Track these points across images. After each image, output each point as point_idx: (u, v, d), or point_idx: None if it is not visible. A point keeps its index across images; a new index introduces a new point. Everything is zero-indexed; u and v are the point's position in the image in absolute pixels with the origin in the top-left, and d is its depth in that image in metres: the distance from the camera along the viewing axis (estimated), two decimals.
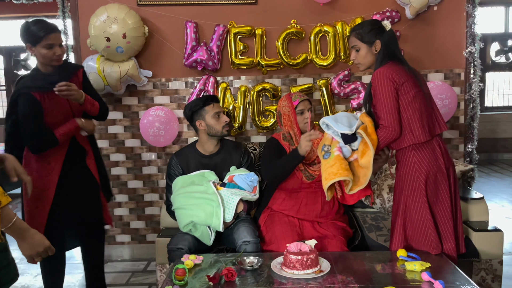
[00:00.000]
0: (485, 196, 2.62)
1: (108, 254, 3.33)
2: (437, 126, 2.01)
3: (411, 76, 1.96)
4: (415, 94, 1.95)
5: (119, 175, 3.24)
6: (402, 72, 1.95)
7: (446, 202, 1.98)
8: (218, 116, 2.40)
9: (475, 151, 3.14)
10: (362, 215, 2.70)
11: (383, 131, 1.95)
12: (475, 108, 3.09)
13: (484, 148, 6.44)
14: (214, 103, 2.42)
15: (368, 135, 1.93)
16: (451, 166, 2.02)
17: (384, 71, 1.94)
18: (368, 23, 2.06)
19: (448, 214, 1.98)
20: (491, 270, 2.40)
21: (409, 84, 1.94)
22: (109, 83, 2.95)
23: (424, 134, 1.95)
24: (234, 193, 2.22)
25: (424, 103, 1.97)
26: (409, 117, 1.95)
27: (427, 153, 1.96)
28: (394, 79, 1.92)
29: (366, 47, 2.03)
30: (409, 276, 1.74)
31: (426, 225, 1.96)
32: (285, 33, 3.00)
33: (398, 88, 1.93)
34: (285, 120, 2.44)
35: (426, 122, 1.96)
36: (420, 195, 1.96)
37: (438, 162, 1.96)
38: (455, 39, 3.07)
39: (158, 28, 3.07)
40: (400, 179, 2.03)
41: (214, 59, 3.02)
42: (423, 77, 2.11)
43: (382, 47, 2.00)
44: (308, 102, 2.43)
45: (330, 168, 1.92)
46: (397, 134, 1.95)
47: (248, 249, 2.12)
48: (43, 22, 2.17)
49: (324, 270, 1.79)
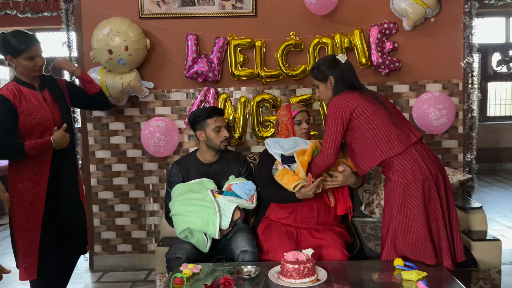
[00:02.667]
0: (487, 206, 2.63)
1: (110, 263, 3.35)
2: (411, 134, 2.04)
3: (366, 97, 2.06)
4: (373, 112, 2.02)
5: (120, 185, 3.28)
6: (354, 97, 2.05)
7: (437, 209, 1.98)
8: (219, 130, 2.44)
9: (474, 160, 3.15)
10: (362, 225, 2.71)
11: (318, 156, 2.15)
12: (474, 118, 3.12)
13: (486, 158, 6.44)
14: (217, 117, 2.44)
15: (301, 157, 2.17)
16: (440, 172, 2.02)
17: (335, 100, 2.07)
18: (322, 61, 2.19)
19: (440, 222, 1.98)
20: (489, 279, 2.39)
21: (363, 105, 2.03)
22: (111, 95, 3.00)
23: (393, 147, 2.00)
24: (231, 200, 2.26)
25: (385, 118, 2.02)
26: (372, 135, 2.02)
27: (409, 163, 1.99)
28: (343, 106, 2.03)
29: (322, 84, 2.19)
30: (406, 286, 1.75)
31: (417, 236, 1.96)
32: (284, 45, 3.04)
33: (351, 113, 2.03)
34: (282, 129, 2.49)
35: (395, 134, 2.00)
36: (408, 205, 1.97)
37: (422, 170, 1.97)
38: (453, 50, 3.10)
39: (160, 41, 3.13)
40: (387, 191, 2.05)
41: (215, 71, 3.06)
42: (384, 96, 2.23)
43: (336, 81, 2.12)
44: (306, 113, 2.48)
45: (282, 181, 2.20)
46: (329, 161, 2.11)
47: (246, 258, 2.14)
48: (23, 34, 2.21)
49: (321, 279, 1.80)
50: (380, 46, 3.04)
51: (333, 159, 2.11)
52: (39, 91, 2.30)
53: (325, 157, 2.11)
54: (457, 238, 2.05)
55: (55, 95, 2.37)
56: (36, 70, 2.24)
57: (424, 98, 3.00)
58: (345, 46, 3.04)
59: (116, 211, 3.30)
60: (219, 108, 2.55)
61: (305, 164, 2.16)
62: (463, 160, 3.18)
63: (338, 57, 2.16)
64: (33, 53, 2.20)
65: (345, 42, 3.04)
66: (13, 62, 2.21)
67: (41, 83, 2.32)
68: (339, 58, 2.15)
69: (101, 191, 3.27)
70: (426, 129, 3.03)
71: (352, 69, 2.17)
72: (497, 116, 7.03)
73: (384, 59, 3.04)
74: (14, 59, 2.20)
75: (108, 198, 3.29)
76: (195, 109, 2.53)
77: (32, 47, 2.19)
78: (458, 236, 2.05)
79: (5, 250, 3.91)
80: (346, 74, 2.12)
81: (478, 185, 3.32)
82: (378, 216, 2.69)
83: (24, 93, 2.23)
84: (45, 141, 2.24)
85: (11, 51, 2.18)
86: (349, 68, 2.15)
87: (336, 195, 2.36)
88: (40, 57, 2.24)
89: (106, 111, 3.18)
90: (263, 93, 3.12)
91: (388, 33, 3.06)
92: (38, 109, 2.25)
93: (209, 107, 2.50)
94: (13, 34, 2.18)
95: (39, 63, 2.23)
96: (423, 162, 1.99)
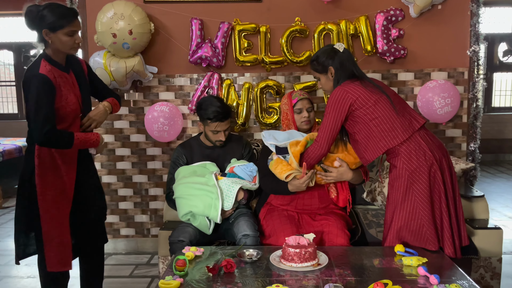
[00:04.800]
0: (489, 196, 2.63)
1: (113, 247, 3.38)
2: (414, 121, 2.03)
3: (367, 86, 2.03)
4: (374, 102, 2.00)
5: (124, 170, 3.29)
6: (354, 88, 2.02)
7: (441, 196, 1.98)
8: (217, 133, 2.44)
9: (477, 150, 3.14)
10: (363, 212, 2.72)
11: (312, 145, 2.15)
12: (478, 107, 3.10)
13: (490, 148, 6.42)
14: (219, 123, 2.39)
15: (293, 147, 2.17)
16: (444, 157, 2.02)
17: (336, 92, 2.04)
18: (320, 53, 2.16)
19: (443, 209, 1.98)
20: (490, 267, 2.41)
21: (365, 96, 2.00)
22: (115, 79, 3.00)
23: (397, 135, 1.99)
24: (235, 181, 2.29)
25: (388, 107, 2.00)
26: (376, 125, 2.01)
27: (413, 149, 1.98)
28: (344, 98, 2.01)
29: (323, 76, 2.17)
30: (406, 271, 1.76)
31: (421, 223, 1.97)
32: (289, 31, 3.02)
33: (352, 104, 2.01)
34: (283, 118, 2.49)
35: (399, 123, 1.99)
36: (413, 192, 1.97)
37: (427, 156, 1.97)
38: (459, 38, 3.07)
39: (164, 25, 3.12)
40: (392, 178, 2.05)
41: (219, 56, 3.05)
42: (384, 84, 2.19)
43: (336, 71, 2.10)
44: (308, 101, 2.44)
45: (275, 170, 2.22)
46: (322, 150, 2.10)
47: (248, 242, 2.16)
48: (64, 7, 2.03)
49: (322, 263, 1.81)
50: (385, 33, 3.01)
51: (326, 149, 2.10)
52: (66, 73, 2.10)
53: (318, 146, 2.10)
54: (461, 223, 2.05)
55: (80, 78, 2.18)
56: (74, 47, 2.05)
57: (429, 87, 2.98)
58: (351, 33, 3.02)
59: (119, 195, 3.32)
60: (225, 113, 2.40)
61: (297, 154, 2.15)
62: (466, 149, 3.17)
63: (336, 46, 2.13)
64: (74, 28, 2.00)
65: (350, 29, 3.01)
66: (50, 38, 1.99)
67: (67, 63, 2.12)
68: (337, 47, 2.12)
69: (104, 175, 3.29)
70: (430, 117, 3.02)
71: (351, 57, 2.15)
72: (502, 107, 6.99)
73: (389, 47, 3.02)
74: (52, 34, 1.98)
75: (112, 182, 3.31)
76: (203, 99, 2.45)
77: (75, 22, 2.00)
78: (462, 220, 2.05)
79: (9, 233, 3.95)
80: (346, 63, 2.09)
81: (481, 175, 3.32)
82: (380, 203, 2.70)
83: (56, 75, 2.03)
84: (94, 137, 2.12)
85: (49, 25, 1.96)
86: (348, 56, 2.12)
87: (339, 187, 2.36)
88: (79, 34, 2.05)
89: None
90: (267, 79, 3.11)
91: (394, 20, 3.03)
92: (71, 95, 2.07)
93: (216, 108, 2.38)
94: (51, 7, 1.97)
95: (78, 40, 2.03)
96: (427, 148, 1.98)
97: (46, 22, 1.96)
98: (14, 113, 7.16)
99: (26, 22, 2.01)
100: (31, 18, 1.99)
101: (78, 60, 2.25)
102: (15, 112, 7.16)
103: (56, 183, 2.06)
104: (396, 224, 2.02)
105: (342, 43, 2.16)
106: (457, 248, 2.01)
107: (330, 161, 2.22)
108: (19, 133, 6.46)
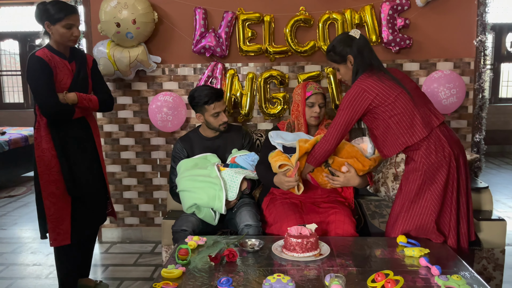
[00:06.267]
0: (494, 187, 2.62)
1: (117, 235, 3.42)
2: (434, 118, 1.98)
3: (386, 81, 1.96)
4: (394, 98, 1.94)
5: (128, 159, 3.31)
6: (373, 85, 1.95)
7: (454, 192, 1.96)
8: (217, 115, 2.43)
9: (483, 141, 3.12)
10: (366, 203, 2.72)
11: (320, 141, 2.09)
12: (484, 97, 3.07)
13: (496, 140, 6.37)
14: (216, 103, 2.40)
15: (302, 143, 2.14)
16: (461, 154, 1.99)
17: (354, 89, 1.97)
18: (336, 42, 2.07)
19: (453, 205, 1.96)
20: (492, 259, 2.41)
21: (384, 92, 1.94)
22: (119, 68, 3.00)
23: (416, 133, 1.94)
24: (238, 172, 2.30)
25: (407, 103, 1.94)
26: (395, 122, 1.96)
27: (433, 144, 1.94)
28: (361, 97, 1.94)
29: (342, 66, 2.08)
30: (407, 261, 1.76)
31: (430, 218, 1.96)
32: (294, 20, 3.00)
33: (370, 104, 1.95)
34: (294, 108, 2.46)
35: (418, 119, 1.94)
36: (428, 186, 1.95)
37: (445, 152, 1.93)
38: (466, 28, 3.03)
39: (168, 14, 3.10)
40: (409, 170, 2.01)
41: (222, 46, 3.04)
42: (404, 74, 2.09)
43: (355, 59, 2.02)
44: (322, 96, 2.41)
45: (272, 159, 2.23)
46: (329, 146, 2.04)
47: (250, 232, 2.17)
48: (63, 3, 2.25)
49: (324, 253, 1.82)
50: (391, 22, 2.98)
51: (333, 146, 2.04)
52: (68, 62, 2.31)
53: (326, 141, 2.04)
54: (471, 219, 2.04)
55: (81, 69, 2.36)
56: (71, 40, 2.26)
57: (434, 77, 2.95)
58: (356, 22, 2.98)
59: (124, 184, 3.34)
60: (218, 92, 2.45)
61: (303, 151, 2.11)
62: (471, 140, 3.15)
63: (351, 33, 2.05)
64: (71, 21, 2.22)
65: (355, 18, 2.98)
66: (50, 29, 2.23)
67: (71, 55, 2.33)
68: (353, 34, 2.04)
69: (109, 164, 3.31)
70: None
71: (368, 44, 2.06)
72: (510, 98, 6.93)
73: (395, 36, 2.99)
74: (52, 26, 2.21)
75: (116, 171, 3.33)
76: (193, 90, 2.46)
77: (71, 16, 2.22)
78: (471, 216, 2.04)
79: (16, 221, 4.00)
80: (364, 50, 2.02)
81: (486, 166, 3.30)
82: (383, 194, 2.69)
83: (55, 61, 2.24)
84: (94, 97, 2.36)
85: (50, 18, 2.20)
86: (365, 42, 2.04)
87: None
88: (77, 28, 2.25)
89: (114, 85, 3.20)
90: (271, 69, 3.09)
91: (400, 9, 2.99)
92: (67, 79, 2.27)
93: (208, 90, 2.42)
94: (54, 2, 2.23)
95: (75, 33, 2.24)
96: (447, 143, 1.94)
97: (48, 15, 2.21)
98: (20, 102, 7.20)
99: (35, 15, 2.26)
100: (38, 12, 2.24)
101: (85, 55, 2.45)
102: (21, 102, 7.19)
103: (52, 163, 2.27)
104: (404, 217, 2.00)
105: (357, 30, 2.07)
106: (465, 243, 2.01)
107: (338, 166, 2.17)
108: (25, 122, 6.50)
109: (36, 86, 2.19)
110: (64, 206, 2.32)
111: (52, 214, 2.29)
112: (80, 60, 2.37)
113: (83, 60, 2.39)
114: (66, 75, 2.27)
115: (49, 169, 2.27)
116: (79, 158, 2.36)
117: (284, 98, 3.07)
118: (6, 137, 5.08)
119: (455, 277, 1.55)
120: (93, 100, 2.38)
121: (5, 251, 3.30)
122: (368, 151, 2.18)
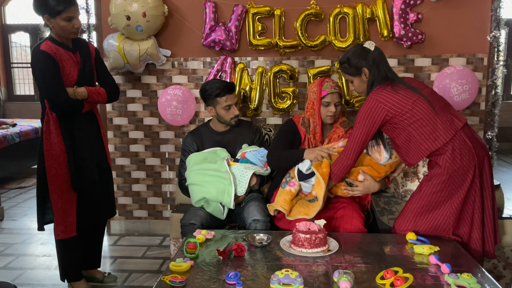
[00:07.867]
0: (505, 185, 2.59)
1: (126, 228, 3.44)
2: (455, 120, 1.94)
3: (401, 90, 1.93)
4: (411, 106, 1.91)
5: (137, 152, 3.32)
6: (388, 96, 1.93)
7: (477, 196, 1.94)
8: (229, 108, 2.43)
9: (495, 138, 3.08)
10: (375, 199, 2.70)
11: (339, 156, 2.09)
12: (497, 94, 3.02)
13: (508, 137, 6.28)
14: (228, 95, 2.40)
15: (320, 169, 2.12)
16: (486, 156, 1.95)
17: (369, 101, 1.95)
18: (351, 54, 2.03)
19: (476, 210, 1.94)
20: (503, 257, 2.38)
21: (400, 101, 1.92)
22: (128, 61, 3.00)
23: (439, 137, 1.91)
24: (248, 167, 2.30)
25: (426, 108, 1.92)
26: (415, 129, 1.93)
27: (458, 148, 1.91)
28: (377, 109, 1.93)
29: (356, 78, 2.06)
30: (417, 259, 1.75)
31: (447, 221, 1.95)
32: (304, 14, 2.97)
33: (386, 114, 1.93)
34: (308, 106, 2.41)
35: (440, 124, 1.91)
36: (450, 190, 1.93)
37: (471, 155, 1.90)
38: (479, 23, 2.98)
39: (178, 8, 3.09)
40: (432, 174, 1.98)
41: (232, 40, 3.02)
42: (419, 82, 2.07)
43: (370, 71, 2.00)
44: (338, 95, 2.36)
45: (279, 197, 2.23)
46: (348, 161, 2.04)
47: (258, 227, 2.17)
48: None
49: (332, 249, 1.81)
50: (403, 17, 2.94)
51: (353, 161, 2.04)
52: (72, 53, 2.30)
53: (345, 157, 2.04)
54: (496, 222, 2.02)
55: (86, 60, 2.35)
56: (73, 32, 2.23)
57: (447, 73, 2.91)
58: (367, 16, 2.95)
59: (132, 177, 3.36)
60: (230, 85, 2.45)
61: (326, 176, 2.12)
62: (483, 138, 3.10)
63: (366, 45, 2.02)
64: (71, 14, 2.18)
65: (367, 13, 2.95)
66: (51, 23, 2.19)
67: (74, 46, 2.31)
68: (367, 46, 2.01)
69: (118, 157, 3.32)
70: None
71: (383, 55, 2.04)
72: None
73: (406, 31, 2.95)
74: (52, 19, 2.18)
75: (125, 164, 3.35)
76: (205, 84, 2.46)
77: (71, 8, 2.18)
78: (497, 220, 2.02)
79: (26, 212, 4.04)
80: (379, 62, 2.00)
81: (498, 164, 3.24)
82: (392, 191, 2.67)
83: (60, 53, 2.23)
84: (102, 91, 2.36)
85: (49, 11, 2.16)
86: (380, 54, 2.02)
87: None
88: (78, 19, 2.23)
89: (124, 78, 3.21)
90: (281, 63, 3.08)
91: (412, 4, 2.95)
92: (74, 72, 2.26)
93: (220, 83, 2.42)
94: None
95: (76, 25, 2.21)
96: (473, 146, 1.91)
97: (47, 7, 2.16)
98: (31, 94, 7.25)
99: (33, 8, 2.21)
100: (36, 5, 2.19)
101: (87, 44, 2.42)
102: (32, 94, 7.24)
103: (61, 157, 2.27)
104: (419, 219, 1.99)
105: (372, 42, 2.04)
106: (491, 246, 1.99)
107: (355, 176, 2.18)
108: (35, 114, 6.54)
109: (44, 81, 2.18)
110: (71, 199, 2.33)
111: (59, 207, 2.30)
112: (84, 51, 2.35)
113: (87, 50, 2.37)
114: (72, 68, 2.26)
115: (58, 163, 2.27)
116: (87, 152, 2.37)
117: (293, 92, 3.05)
118: (17, 129, 5.13)
119: (466, 276, 1.54)
120: (102, 93, 2.38)
121: (15, 242, 3.34)
122: (384, 156, 2.18)
